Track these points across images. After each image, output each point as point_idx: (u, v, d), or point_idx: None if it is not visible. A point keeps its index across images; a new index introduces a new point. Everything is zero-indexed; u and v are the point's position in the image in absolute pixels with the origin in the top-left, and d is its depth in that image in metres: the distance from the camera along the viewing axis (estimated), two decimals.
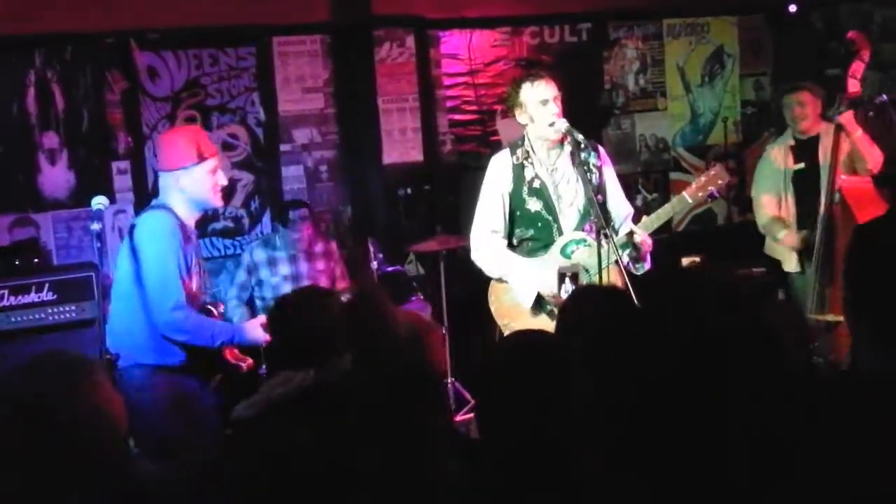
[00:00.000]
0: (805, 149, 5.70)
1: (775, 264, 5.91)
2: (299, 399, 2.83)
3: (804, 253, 5.58)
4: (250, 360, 4.29)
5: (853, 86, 5.37)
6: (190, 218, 4.18)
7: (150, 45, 6.20)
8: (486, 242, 4.60)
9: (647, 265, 4.49)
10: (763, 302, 2.32)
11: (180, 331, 4.03)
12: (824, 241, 5.32)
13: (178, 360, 4.07)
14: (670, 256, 5.69)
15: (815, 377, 3.03)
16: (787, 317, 5.43)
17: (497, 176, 4.61)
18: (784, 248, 5.75)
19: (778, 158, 5.80)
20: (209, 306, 4.34)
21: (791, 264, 5.73)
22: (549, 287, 4.43)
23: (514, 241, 4.64)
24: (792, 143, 5.77)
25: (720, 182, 4.45)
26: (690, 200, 4.47)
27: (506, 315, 4.60)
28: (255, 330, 4.13)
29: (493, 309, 4.67)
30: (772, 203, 5.79)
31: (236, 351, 4.28)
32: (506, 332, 4.56)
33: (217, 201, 4.22)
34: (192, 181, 4.10)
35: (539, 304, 4.50)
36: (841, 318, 4.98)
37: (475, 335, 5.55)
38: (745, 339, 1.99)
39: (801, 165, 5.69)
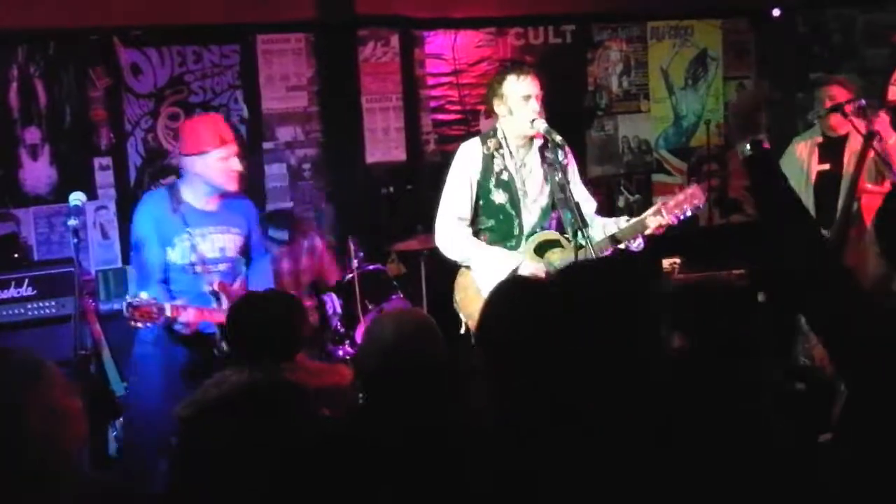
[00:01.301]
0: (832, 148, 5.48)
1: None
2: (233, 399, 2.85)
3: None
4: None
5: (893, 93, 5.22)
6: (203, 197, 4.54)
7: (134, 42, 6.20)
8: (453, 229, 4.63)
9: (642, 242, 4.51)
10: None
11: None
12: (835, 245, 5.17)
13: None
14: (650, 257, 5.71)
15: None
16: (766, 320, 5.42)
17: (466, 164, 4.65)
18: None
19: (803, 154, 5.59)
20: (216, 289, 4.43)
21: None
22: (529, 268, 4.48)
23: (477, 227, 4.68)
24: (820, 139, 5.55)
25: (696, 202, 4.44)
26: (665, 217, 4.45)
27: (470, 306, 4.62)
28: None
29: (457, 299, 4.71)
30: None
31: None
32: (468, 323, 4.64)
33: (230, 185, 4.55)
34: (206, 166, 4.47)
35: None
36: None
37: (455, 335, 5.57)
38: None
39: (826, 167, 5.50)
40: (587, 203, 4.71)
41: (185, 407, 3.16)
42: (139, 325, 4.21)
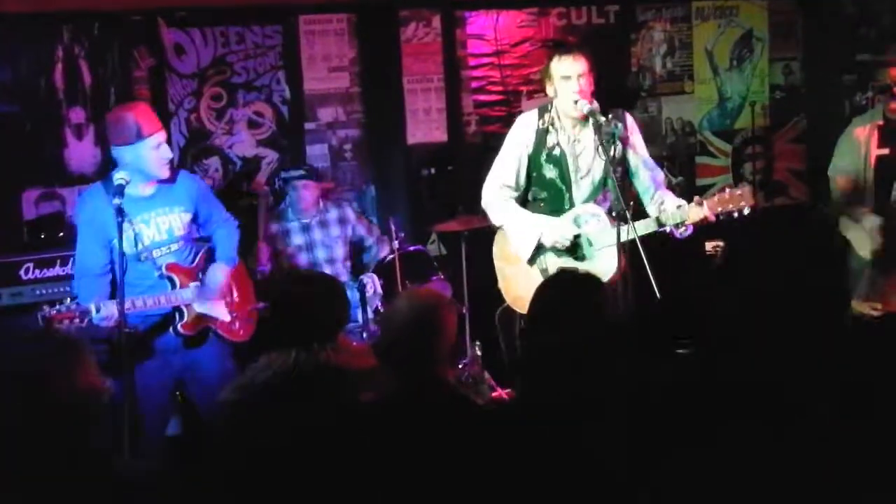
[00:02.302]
0: (893, 132, 5.32)
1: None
2: (281, 383, 2.88)
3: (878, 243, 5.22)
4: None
5: None
6: (138, 185, 4.42)
7: (178, 23, 6.23)
8: (497, 194, 4.78)
9: (689, 230, 4.47)
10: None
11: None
12: (890, 233, 5.10)
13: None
14: (694, 240, 5.65)
15: None
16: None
17: (520, 135, 4.75)
18: (861, 233, 5.34)
19: (861, 137, 5.40)
20: (165, 273, 4.47)
21: (864, 247, 5.33)
22: (551, 238, 4.60)
23: (530, 198, 4.80)
24: (881, 122, 5.37)
25: (742, 205, 4.33)
26: (708, 213, 4.39)
27: (502, 258, 4.85)
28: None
29: (494, 251, 4.90)
30: (849, 183, 5.40)
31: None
32: (498, 276, 4.90)
33: (162, 173, 4.47)
34: (136, 156, 4.37)
35: (534, 258, 4.66)
36: (880, 310, 4.88)
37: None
38: None
39: (886, 151, 5.33)
40: (650, 174, 4.67)
41: (232, 391, 3.16)
42: (62, 326, 4.20)
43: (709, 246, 6.44)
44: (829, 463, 2.01)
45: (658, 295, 3.98)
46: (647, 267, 4.05)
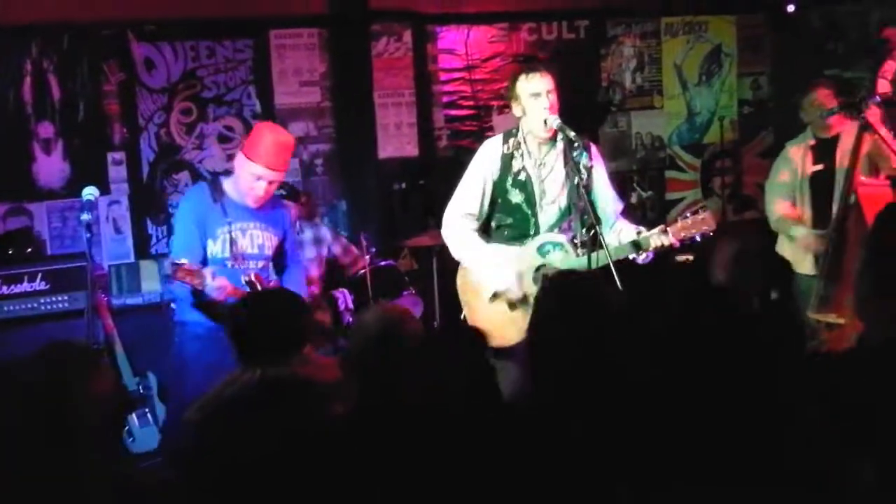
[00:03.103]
0: (824, 149, 5.54)
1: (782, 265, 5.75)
2: (247, 397, 2.89)
3: (819, 255, 5.39)
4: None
5: (883, 86, 5.22)
6: (239, 195, 4.51)
7: (147, 37, 6.21)
8: (459, 223, 4.64)
9: (650, 256, 4.50)
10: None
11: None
12: (835, 243, 5.20)
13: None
14: (662, 254, 5.69)
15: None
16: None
17: (485, 162, 4.63)
18: (798, 249, 5.55)
19: (796, 158, 5.64)
20: (252, 279, 4.42)
21: (805, 266, 5.53)
22: (509, 283, 4.49)
23: (493, 225, 4.67)
24: (812, 142, 5.61)
25: (705, 228, 4.40)
26: (671, 239, 4.40)
27: (467, 293, 4.67)
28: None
29: (458, 284, 4.74)
30: (785, 204, 5.66)
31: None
32: (464, 309, 4.69)
33: (248, 201, 4.52)
34: (242, 171, 4.48)
35: (497, 294, 4.55)
36: (841, 321, 4.94)
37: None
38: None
39: (820, 167, 5.55)
40: (613, 204, 4.69)
41: (196, 410, 3.16)
42: (177, 281, 4.24)
43: (678, 259, 6.49)
44: None
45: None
46: (622, 293, 4.05)
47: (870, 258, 2.13)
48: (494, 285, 4.52)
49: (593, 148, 4.67)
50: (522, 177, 4.56)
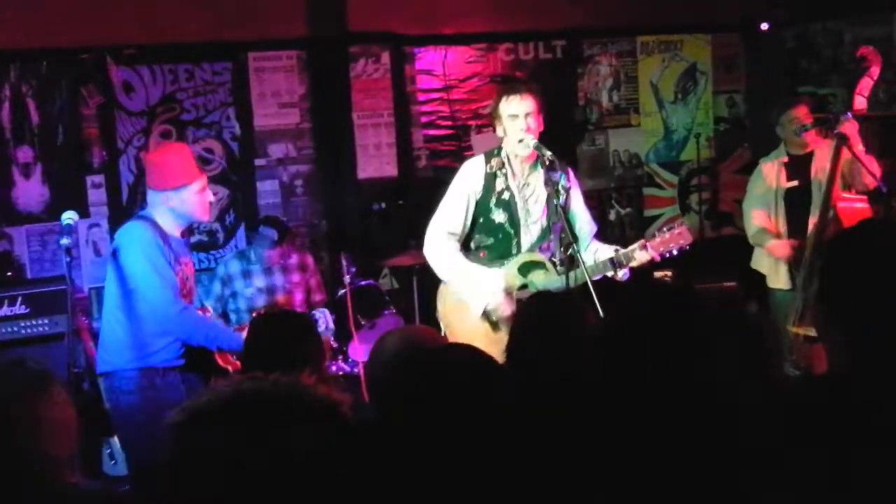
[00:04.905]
0: (798, 165, 5.63)
1: (759, 280, 5.84)
2: (224, 402, 2.87)
3: (793, 267, 5.50)
4: (238, 364, 4.32)
5: (860, 103, 5.29)
6: (175, 229, 4.33)
7: (126, 61, 6.23)
8: (442, 242, 4.63)
9: (627, 273, 4.53)
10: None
11: (188, 327, 4.20)
12: (813, 251, 5.24)
13: (175, 363, 4.26)
14: (641, 270, 5.73)
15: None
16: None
17: (468, 181, 4.63)
18: (772, 262, 5.66)
19: (770, 175, 5.74)
20: (201, 311, 4.40)
21: (779, 280, 5.65)
22: (497, 301, 4.51)
23: (472, 246, 4.68)
24: (785, 159, 5.71)
25: (682, 243, 4.45)
26: (651, 253, 4.44)
27: (449, 315, 4.66)
28: None
29: (438, 309, 4.74)
30: (763, 214, 5.73)
31: (228, 356, 4.36)
32: (446, 333, 4.65)
33: (205, 217, 4.43)
34: (182, 201, 4.27)
35: (486, 312, 4.55)
36: None
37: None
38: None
39: (795, 183, 5.64)
40: (587, 226, 4.74)
41: (177, 413, 3.15)
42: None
43: (657, 275, 6.52)
44: None
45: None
46: (600, 311, 4.08)
47: (817, 269, 2.17)
48: (482, 304, 4.53)
49: (570, 172, 4.71)
50: (506, 196, 4.59)
